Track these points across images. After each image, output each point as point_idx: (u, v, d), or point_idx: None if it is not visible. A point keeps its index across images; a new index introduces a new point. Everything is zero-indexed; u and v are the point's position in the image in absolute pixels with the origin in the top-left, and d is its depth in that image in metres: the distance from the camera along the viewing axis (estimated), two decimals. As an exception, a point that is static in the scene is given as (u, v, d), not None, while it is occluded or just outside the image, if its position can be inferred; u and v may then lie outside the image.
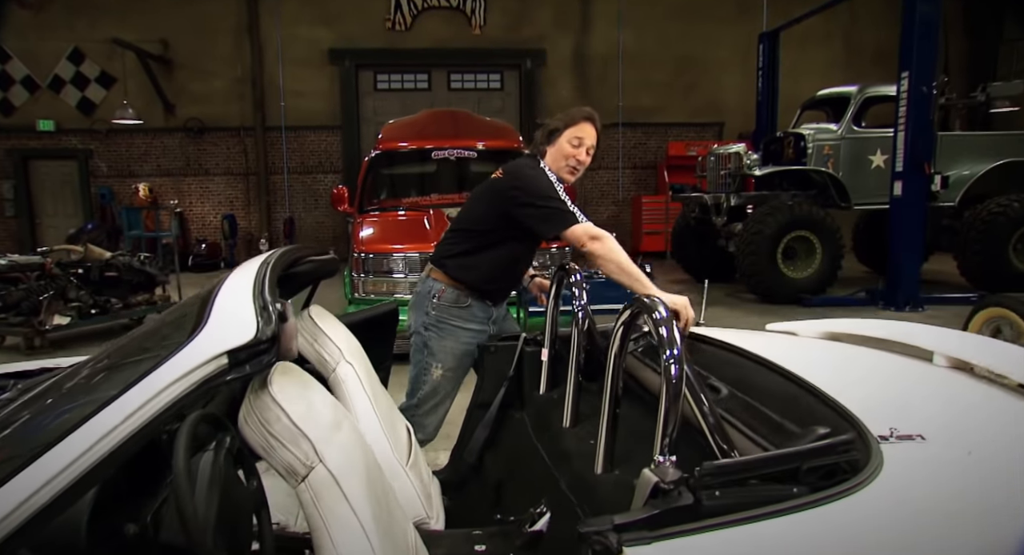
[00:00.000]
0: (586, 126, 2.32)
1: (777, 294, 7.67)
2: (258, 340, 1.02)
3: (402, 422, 2.11)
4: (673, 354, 1.26)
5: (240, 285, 1.18)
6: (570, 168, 2.34)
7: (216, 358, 1.00)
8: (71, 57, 11.79)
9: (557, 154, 2.34)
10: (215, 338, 1.03)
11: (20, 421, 1.18)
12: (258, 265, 1.32)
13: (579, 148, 2.32)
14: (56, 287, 5.87)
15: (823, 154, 8.21)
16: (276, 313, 1.09)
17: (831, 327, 2.31)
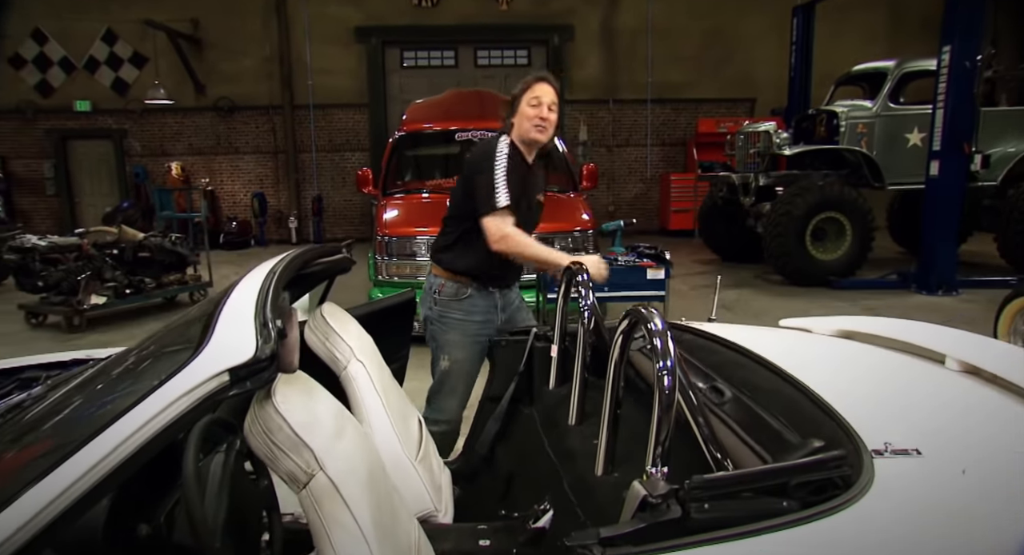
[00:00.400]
0: (539, 85, 2.36)
1: (805, 276, 7.55)
2: (257, 359, 1.07)
3: (414, 415, 2.16)
4: (666, 365, 1.27)
5: (243, 301, 1.23)
6: (537, 128, 2.36)
7: (218, 375, 1.05)
8: (105, 38, 11.99)
9: (521, 119, 2.38)
10: (217, 356, 1.07)
11: (44, 427, 1.25)
12: (264, 276, 1.36)
13: (539, 107, 2.34)
14: (93, 267, 6.07)
15: (856, 132, 7.97)
16: (275, 331, 1.13)
17: (845, 324, 2.28)
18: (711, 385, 1.78)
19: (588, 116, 12.69)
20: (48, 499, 0.90)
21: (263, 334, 1.11)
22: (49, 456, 0.97)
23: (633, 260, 4.02)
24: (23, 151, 12.35)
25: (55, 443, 1.12)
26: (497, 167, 2.31)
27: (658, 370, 1.26)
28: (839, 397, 1.49)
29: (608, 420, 1.56)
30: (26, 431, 1.27)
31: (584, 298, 1.95)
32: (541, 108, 2.34)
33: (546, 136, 2.40)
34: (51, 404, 1.32)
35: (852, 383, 1.65)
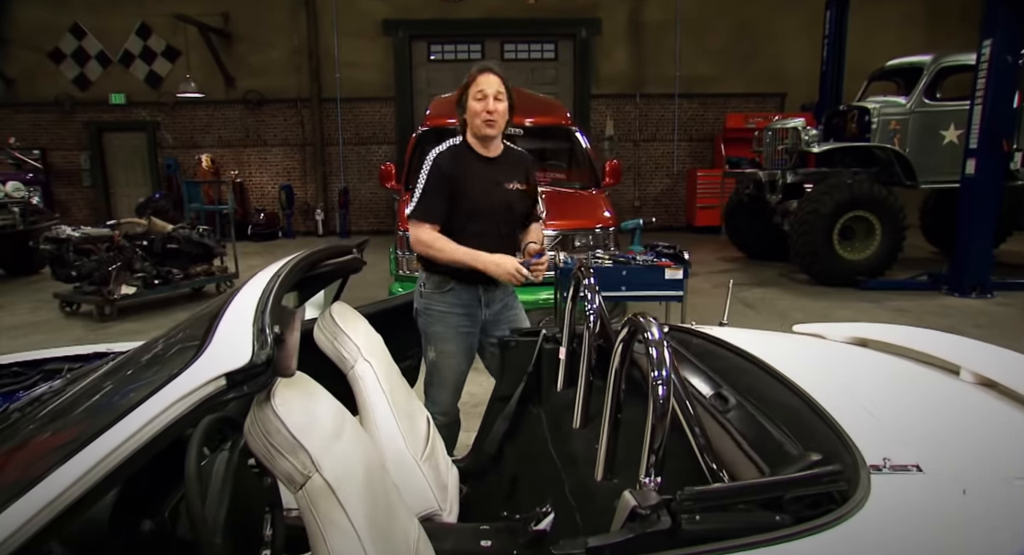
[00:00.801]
0: (482, 77, 2.33)
1: (832, 276, 7.42)
2: (252, 364, 1.09)
3: (422, 414, 2.19)
4: (661, 375, 1.27)
5: (244, 305, 1.25)
6: (485, 122, 2.36)
7: (215, 380, 1.08)
8: (139, 32, 12.25)
9: (470, 115, 2.38)
10: (214, 361, 1.10)
11: (54, 424, 1.30)
12: (267, 280, 1.39)
13: (484, 100, 2.32)
14: (123, 258, 6.23)
15: (889, 129, 7.77)
16: (272, 336, 1.15)
17: (860, 331, 2.23)
18: (716, 392, 1.77)
19: (615, 111, 12.59)
20: (54, 494, 0.94)
21: (260, 340, 1.13)
22: (56, 452, 1.01)
23: (651, 259, 3.99)
24: (61, 143, 12.71)
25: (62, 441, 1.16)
26: (420, 182, 2.42)
27: (653, 379, 1.26)
28: (844, 408, 1.47)
29: (608, 426, 1.56)
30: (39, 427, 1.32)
31: (590, 301, 1.95)
32: (487, 101, 2.32)
33: (496, 129, 2.40)
34: (62, 402, 1.36)
35: (860, 393, 1.62)
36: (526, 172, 2.59)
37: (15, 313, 6.67)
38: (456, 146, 2.45)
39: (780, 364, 1.80)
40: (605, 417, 1.58)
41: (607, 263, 4.04)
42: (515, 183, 2.54)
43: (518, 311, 2.71)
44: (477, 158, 2.45)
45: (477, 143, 2.44)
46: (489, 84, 2.32)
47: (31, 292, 7.50)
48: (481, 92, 2.32)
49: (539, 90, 10.85)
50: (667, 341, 1.35)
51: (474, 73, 2.35)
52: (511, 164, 2.54)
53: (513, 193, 2.53)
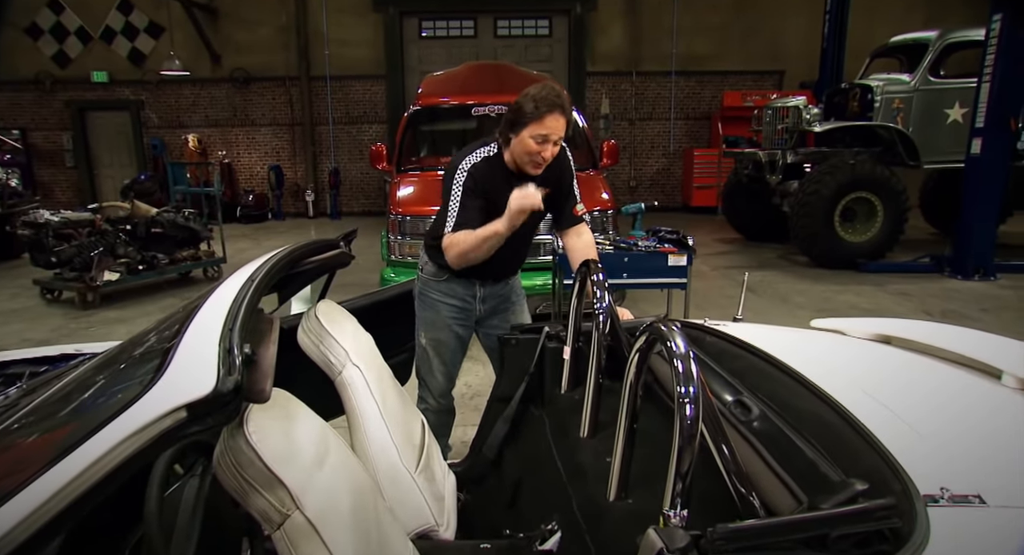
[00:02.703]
0: (551, 119, 2.10)
1: (832, 258, 7.30)
2: (217, 393, 0.93)
3: (416, 419, 2.04)
4: (689, 392, 1.12)
5: (211, 319, 1.09)
6: (533, 164, 2.19)
7: (173, 412, 0.92)
8: (120, 7, 11.85)
9: (519, 147, 2.18)
10: (172, 390, 0.94)
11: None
12: (239, 285, 1.23)
13: (544, 144, 2.14)
14: (106, 243, 6.02)
15: (892, 108, 7.59)
16: (242, 358, 0.99)
17: (883, 328, 2.09)
18: (737, 399, 1.63)
19: (610, 89, 12.34)
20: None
21: (226, 363, 0.97)
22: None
23: (653, 245, 3.83)
24: (42, 123, 12.35)
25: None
26: (453, 194, 2.21)
27: (679, 396, 1.12)
28: (880, 420, 1.33)
29: (623, 443, 1.42)
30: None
31: (599, 300, 1.79)
32: (546, 147, 2.14)
33: (541, 170, 2.22)
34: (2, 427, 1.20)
35: (895, 402, 1.48)
36: (559, 174, 2.37)
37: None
38: (491, 159, 2.25)
39: (801, 364, 1.66)
40: (619, 433, 1.43)
41: (608, 249, 3.88)
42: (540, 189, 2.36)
43: (518, 305, 2.57)
44: (511, 174, 2.26)
45: (512, 163, 2.25)
46: (556, 129, 2.12)
47: (10, 278, 7.29)
48: (543, 136, 2.11)
49: (533, 68, 10.56)
50: (694, 352, 1.20)
51: (545, 111, 2.08)
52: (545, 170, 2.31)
53: None
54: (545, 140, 2.12)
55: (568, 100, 2.16)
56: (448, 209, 2.21)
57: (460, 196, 2.20)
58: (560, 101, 2.11)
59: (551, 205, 2.41)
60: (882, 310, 5.65)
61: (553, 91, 2.13)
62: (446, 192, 2.26)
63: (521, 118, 2.13)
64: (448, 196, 2.23)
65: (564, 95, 2.15)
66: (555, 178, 2.35)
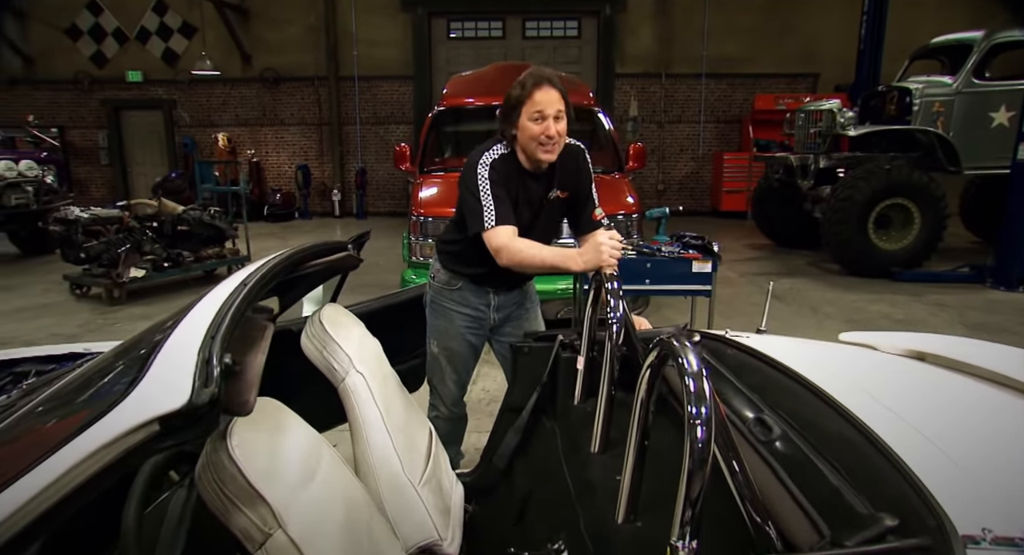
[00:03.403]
0: (540, 93, 1.99)
1: (865, 266, 7.07)
2: (192, 406, 0.88)
3: (423, 428, 1.98)
4: (701, 413, 1.04)
5: (194, 326, 1.03)
6: (542, 148, 2.06)
7: (145, 426, 0.87)
8: (155, 8, 12.08)
9: (524, 136, 2.06)
10: (145, 402, 0.89)
11: None
12: (229, 292, 1.17)
13: (543, 122, 2.00)
14: (133, 240, 6.10)
15: (932, 111, 7.33)
16: (221, 369, 0.93)
17: (918, 343, 1.97)
18: (757, 417, 1.53)
19: (639, 91, 12.19)
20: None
21: (203, 375, 0.92)
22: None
23: (677, 251, 3.72)
24: (79, 121, 12.65)
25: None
26: (481, 192, 2.07)
27: (690, 417, 1.03)
28: (913, 445, 1.23)
29: (632, 462, 1.34)
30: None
31: (613, 309, 1.71)
32: (546, 124, 2.00)
33: (555, 154, 2.09)
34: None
35: (930, 427, 1.37)
36: (577, 178, 2.26)
37: (26, 295, 6.59)
38: (506, 157, 2.14)
39: (827, 381, 1.56)
40: (629, 452, 1.35)
41: (630, 254, 3.78)
42: (556, 191, 2.24)
43: (531, 312, 2.49)
44: (526, 174, 2.17)
45: (527, 160, 2.14)
46: (549, 102, 1.99)
47: (44, 273, 7.44)
48: (539, 112, 1.99)
49: (561, 69, 10.45)
50: (707, 369, 1.12)
51: (529, 86, 2.00)
52: (558, 171, 2.22)
53: (554, 204, 2.26)
54: (542, 116, 1.99)
55: (557, 76, 2.06)
56: (481, 204, 2.06)
57: (489, 189, 2.07)
58: (545, 75, 2.02)
59: (568, 209, 2.34)
60: (917, 322, 5.44)
61: (537, 69, 2.05)
62: (469, 189, 2.12)
63: (513, 104, 2.04)
64: (475, 192, 2.09)
65: (549, 71, 2.06)
66: (572, 180, 2.26)
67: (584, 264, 1.98)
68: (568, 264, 2.01)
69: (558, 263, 2.03)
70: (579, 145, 2.29)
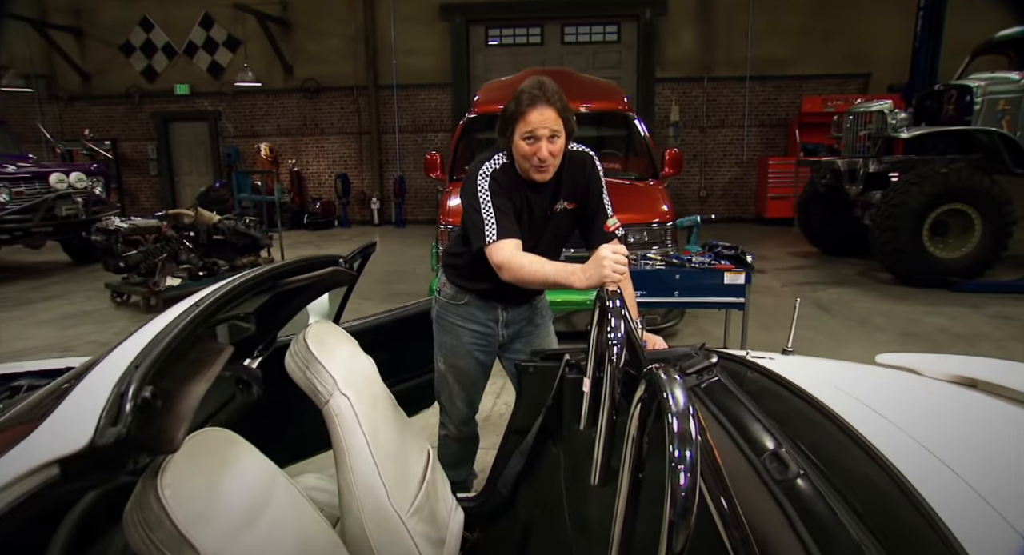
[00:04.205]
0: (534, 113, 1.86)
1: (919, 276, 6.66)
2: (93, 448, 0.77)
3: (418, 454, 1.86)
4: (684, 457, 0.89)
5: (123, 355, 0.94)
6: (536, 169, 1.94)
7: (43, 469, 0.77)
8: (202, 23, 12.45)
9: (518, 155, 1.95)
10: (47, 441, 0.79)
11: None
12: (176, 315, 1.08)
13: (536, 143, 1.89)
14: (169, 250, 6.21)
15: (996, 110, 6.87)
16: (135, 404, 0.83)
17: (968, 368, 1.74)
18: (773, 452, 1.35)
19: (680, 95, 11.91)
20: None
21: (112, 412, 0.82)
22: None
23: (708, 261, 3.53)
24: (131, 134, 13.12)
25: None
26: (482, 205, 1.96)
27: (672, 461, 0.88)
28: (957, 499, 1.04)
29: (625, 504, 1.19)
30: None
31: (614, 329, 1.56)
32: (539, 145, 1.89)
33: (548, 174, 1.97)
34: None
35: (979, 474, 1.17)
36: (586, 186, 2.13)
37: (72, 301, 6.80)
38: (506, 168, 2.02)
39: (860, 412, 1.37)
40: (621, 491, 1.20)
41: (658, 264, 3.60)
42: (562, 202, 2.12)
43: (543, 328, 2.35)
44: (529, 184, 2.05)
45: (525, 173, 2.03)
46: (542, 122, 1.86)
47: (89, 281, 7.67)
48: (530, 133, 1.88)
49: (601, 74, 10.32)
50: (696, 407, 0.96)
51: (524, 104, 1.88)
52: (563, 180, 2.10)
53: (559, 216, 2.13)
54: (533, 137, 1.88)
55: (554, 90, 1.91)
56: (483, 217, 1.97)
57: (491, 200, 1.98)
58: (541, 92, 1.88)
59: (577, 220, 2.20)
60: (977, 336, 5.07)
61: (535, 82, 1.91)
62: (470, 202, 2.03)
63: (508, 119, 1.93)
64: (475, 204, 2.00)
65: (548, 85, 1.91)
66: (579, 190, 2.12)
67: (587, 280, 1.84)
68: (571, 280, 1.87)
69: (560, 280, 1.90)
70: (587, 152, 2.15)
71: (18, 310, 6.51)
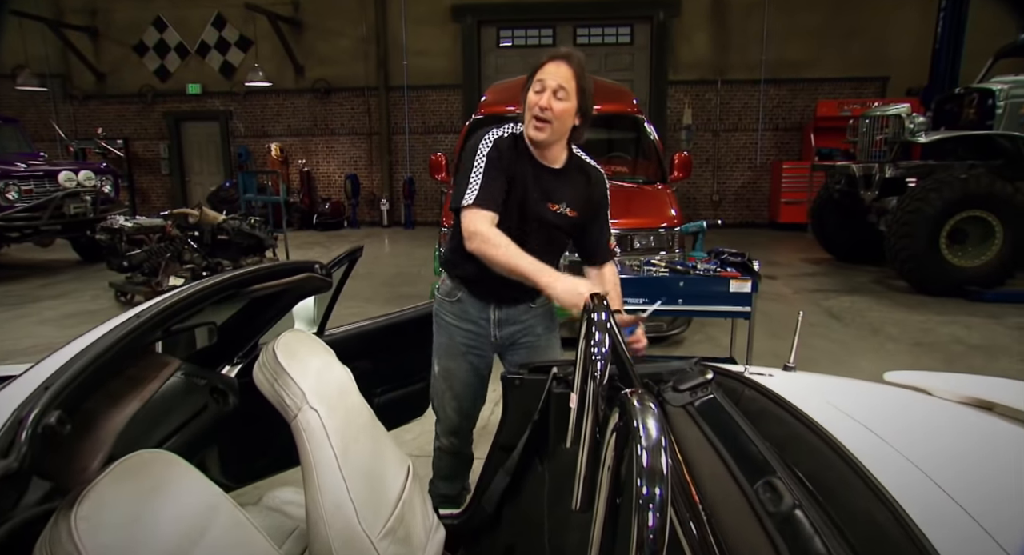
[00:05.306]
0: (550, 65, 1.87)
1: (935, 284, 6.48)
2: None
3: (396, 471, 1.76)
4: (654, 495, 0.79)
5: (36, 375, 0.85)
6: (534, 123, 1.88)
7: None
8: (215, 23, 12.48)
9: (525, 111, 1.91)
10: None
11: None
12: (109, 329, 0.99)
13: (541, 93, 1.86)
14: (173, 249, 6.18)
15: (1019, 114, 6.67)
16: (33, 432, 0.74)
17: (984, 389, 1.62)
18: (767, 480, 1.24)
19: (693, 98, 11.76)
20: None
21: (3, 441, 0.73)
22: None
23: (714, 268, 3.41)
24: (143, 133, 13.18)
25: None
26: (475, 167, 1.91)
27: (639, 498, 0.78)
28: (964, 537, 0.94)
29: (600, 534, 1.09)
30: None
31: (598, 344, 1.45)
32: (542, 96, 1.85)
33: (544, 134, 1.89)
34: None
35: (990, 509, 1.06)
36: (588, 197, 2.06)
37: (77, 300, 6.79)
38: (517, 135, 1.99)
39: (864, 436, 1.26)
40: (596, 521, 1.11)
41: (662, 271, 3.49)
42: (562, 205, 2.02)
43: (545, 340, 2.22)
44: (531, 159, 1.98)
45: (534, 147, 1.98)
46: (554, 75, 1.85)
47: (96, 280, 7.67)
48: (540, 83, 1.87)
49: (613, 76, 10.21)
50: (669, 441, 0.86)
51: (543, 58, 1.91)
52: (570, 182, 2.03)
53: (555, 217, 2.03)
54: (542, 87, 1.86)
55: (580, 59, 1.91)
56: (469, 179, 1.91)
57: (484, 165, 1.91)
58: (560, 52, 1.89)
59: (576, 232, 2.09)
60: (997, 348, 4.90)
61: (567, 48, 1.94)
62: (464, 162, 1.97)
63: (527, 77, 1.92)
64: (468, 165, 1.94)
65: (575, 52, 1.92)
66: (585, 200, 2.05)
67: (559, 292, 1.75)
68: (540, 278, 1.78)
69: (529, 273, 1.80)
70: (598, 168, 2.11)
71: (24, 308, 6.51)
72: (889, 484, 1.08)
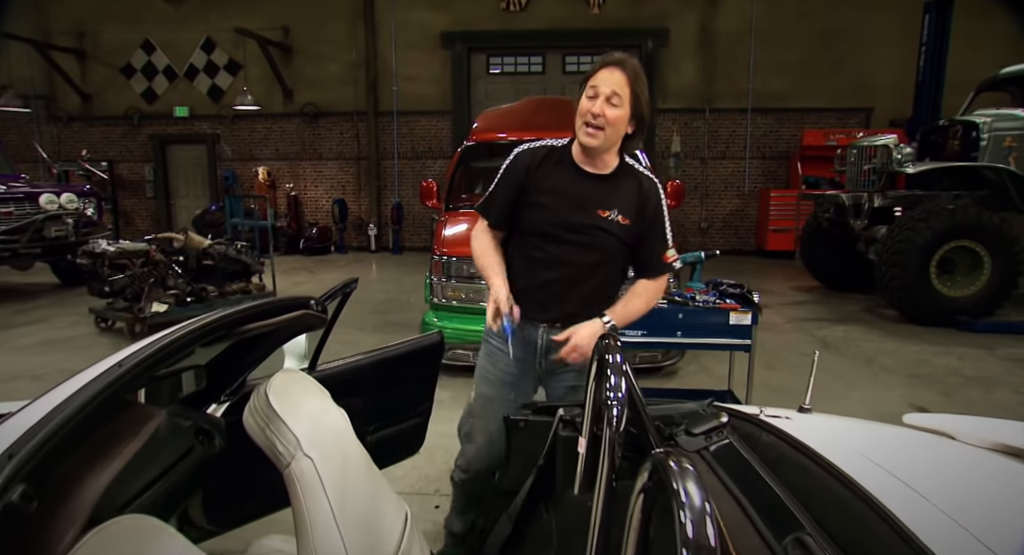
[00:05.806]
0: (603, 72, 1.86)
1: (926, 314, 6.49)
2: None
3: (393, 520, 1.66)
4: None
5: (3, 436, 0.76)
6: (585, 128, 1.87)
7: None
8: (204, 46, 12.47)
9: (577, 118, 1.91)
10: None
11: None
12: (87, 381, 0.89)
13: (593, 99, 1.85)
14: (157, 274, 6.03)
15: (1003, 147, 6.77)
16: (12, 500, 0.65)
17: (1012, 435, 1.55)
18: (795, 537, 1.16)
19: (682, 126, 11.88)
20: None
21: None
22: None
23: (713, 300, 3.35)
24: (128, 155, 13.04)
25: None
26: (497, 176, 2.08)
27: None
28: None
29: None
30: None
31: (614, 388, 1.37)
32: (595, 102, 1.84)
33: (598, 141, 1.87)
34: None
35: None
36: (640, 205, 1.98)
37: (54, 327, 6.59)
38: (556, 148, 2.00)
39: (892, 485, 1.19)
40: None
41: (661, 303, 3.42)
42: (613, 212, 1.95)
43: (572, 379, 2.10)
44: (573, 167, 1.96)
45: (579, 153, 1.96)
46: (607, 81, 1.84)
47: (76, 305, 7.46)
48: (593, 89, 1.86)
49: (600, 104, 10.28)
50: (714, 509, 0.78)
51: (598, 65, 1.89)
52: (619, 189, 1.97)
53: (604, 222, 1.95)
54: (595, 93, 1.85)
55: (635, 66, 1.88)
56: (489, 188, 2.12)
57: (499, 177, 2.08)
58: (615, 58, 1.87)
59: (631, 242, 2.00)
60: (991, 379, 4.87)
61: (621, 53, 1.92)
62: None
63: (582, 84, 1.93)
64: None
65: (630, 58, 1.90)
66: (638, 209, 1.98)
67: (491, 296, 2.00)
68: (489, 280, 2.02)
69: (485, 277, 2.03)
70: (651, 177, 2.06)
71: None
72: (928, 540, 1.01)
